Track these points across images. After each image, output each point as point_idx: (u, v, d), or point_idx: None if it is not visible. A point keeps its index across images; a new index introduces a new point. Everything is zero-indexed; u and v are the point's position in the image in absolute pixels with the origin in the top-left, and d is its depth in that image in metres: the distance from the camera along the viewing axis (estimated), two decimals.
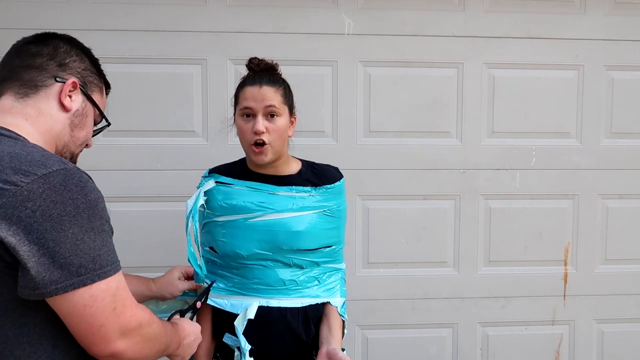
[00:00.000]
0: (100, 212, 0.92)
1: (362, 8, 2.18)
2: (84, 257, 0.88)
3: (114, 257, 0.94)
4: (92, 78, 1.13)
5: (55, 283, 0.86)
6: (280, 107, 1.44)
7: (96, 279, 0.89)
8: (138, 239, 2.13)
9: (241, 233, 1.46)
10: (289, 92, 1.51)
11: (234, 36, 2.14)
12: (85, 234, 0.89)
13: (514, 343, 2.34)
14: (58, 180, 0.88)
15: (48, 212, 0.85)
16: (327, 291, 1.52)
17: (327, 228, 1.51)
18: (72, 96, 1.08)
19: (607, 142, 2.31)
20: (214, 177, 1.54)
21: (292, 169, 1.53)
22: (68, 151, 1.10)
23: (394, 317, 2.28)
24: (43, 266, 0.85)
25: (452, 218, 2.28)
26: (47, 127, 1.04)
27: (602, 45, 2.27)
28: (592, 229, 2.33)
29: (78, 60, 1.10)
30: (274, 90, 1.44)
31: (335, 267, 1.56)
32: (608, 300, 2.36)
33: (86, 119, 1.12)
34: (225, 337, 1.50)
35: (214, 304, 1.50)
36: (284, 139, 1.47)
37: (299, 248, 1.46)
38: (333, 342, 1.45)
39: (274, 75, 1.49)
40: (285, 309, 1.47)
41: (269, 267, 1.46)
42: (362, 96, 2.20)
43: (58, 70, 1.06)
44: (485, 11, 2.23)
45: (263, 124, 1.42)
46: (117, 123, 2.08)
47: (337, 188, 1.54)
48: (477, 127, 2.25)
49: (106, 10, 2.09)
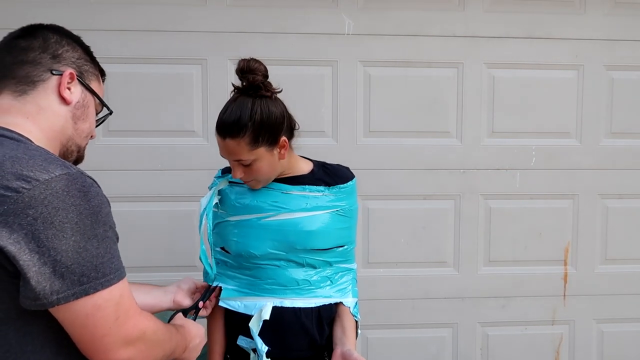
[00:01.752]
0: (103, 218, 0.90)
1: (362, 8, 2.18)
2: (87, 266, 0.86)
3: (118, 264, 0.92)
4: (88, 66, 1.09)
5: (56, 293, 0.84)
6: (249, 156, 1.35)
7: (99, 288, 0.87)
8: (138, 239, 2.13)
9: (254, 232, 1.44)
10: (262, 129, 1.34)
11: (234, 36, 2.14)
12: (88, 241, 0.86)
13: (514, 343, 2.34)
14: (60, 186, 0.85)
15: (49, 219, 0.83)
16: (339, 291, 1.51)
17: (340, 228, 1.49)
18: (71, 88, 1.04)
19: (607, 142, 2.31)
20: (227, 176, 1.52)
21: (304, 169, 1.51)
22: (74, 144, 1.07)
23: (394, 317, 2.28)
24: (44, 276, 0.83)
25: (452, 218, 2.28)
26: (49, 123, 1.01)
27: (602, 45, 2.27)
28: (592, 229, 2.33)
29: (71, 49, 1.06)
30: (237, 143, 1.34)
31: (347, 267, 1.55)
32: (608, 300, 2.36)
33: (88, 110, 1.08)
34: (240, 339, 1.47)
35: (227, 306, 1.48)
36: (271, 170, 1.41)
37: (312, 248, 1.45)
38: (347, 343, 1.43)
39: (239, 120, 1.33)
40: (299, 309, 1.45)
41: (282, 267, 1.45)
42: (362, 96, 2.20)
43: (53, 63, 1.02)
44: (485, 11, 2.23)
45: (239, 171, 1.39)
46: (117, 123, 2.10)
47: (350, 187, 1.53)
48: (477, 127, 2.25)
49: (106, 10, 2.09)
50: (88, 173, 0.93)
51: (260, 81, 1.35)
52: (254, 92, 1.36)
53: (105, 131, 2.11)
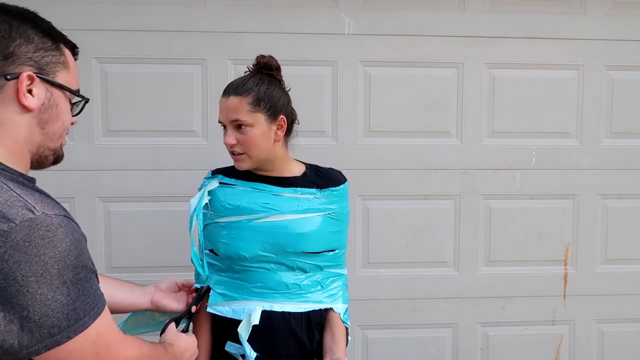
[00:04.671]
0: (73, 262, 0.82)
1: (362, 8, 2.18)
2: (56, 317, 0.80)
3: (93, 302, 0.85)
4: (49, 56, 0.92)
5: (25, 348, 0.79)
6: (247, 118, 1.37)
7: (72, 335, 0.82)
8: (138, 239, 2.13)
9: (244, 234, 1.42)
10: (264, 97, 1.39)
11: (234, 36, 2.14)
12: (57, 290, 0.80)
13: (514, 343, 2.34)
14: (21, 236, 0.77)
15: (12, 275, 0.76)
16: (330, 297, 1.49)
17: (332, 231, 1.48)
18: (33, 90, 0.89)
19: (607, 142, 2.31)
20: (217, 177, 1.51)
21: (295, 171, 1.50)
22: (46, 149, 0.94)
23: (394, 317, 2.28)
24: (10, 334, 0.78)
25: (452, 218, 2.28)
26: (12, 136, 0.88)
27: (602, 45, 2.27)
28: (592, 229, 2.33)
29: (24, 42, 0.89)
30: (239, 101, 1.37)
31: (338, 272, 1.53)
32: (608, 300, 2.36)
33: (57, 109, 0.93)
34: (228, 345, 1.45)
35: (214, 311, 1.45)
36: (264, 146, 1.41)
37: (303, 250, 1.43)
38: (337, 352, 1.43)
39: (247, 83, 1.39)
40: (288, 314, 1.43)
41: (271, 270, 1.42)
42: (362, 96, 2.20)
43: (4, 65, 0.86)
44: (485, 11, 2.23)
45: (232, 135, 1.38)
46: (117, 123, 2.10)
47: (342, 191, 1.53)
48: (477, 127, 2.25)
49: (106, 10, 2.09)
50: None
51: (275, 66, 1.44)
52: (266, 70, 1.43)
53: (105, 131, 2.11)
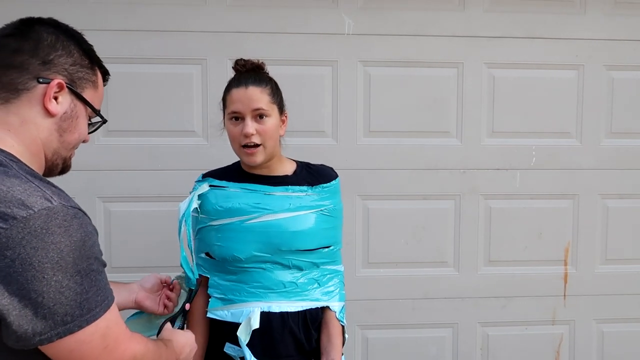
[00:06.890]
0: (87, 252, 0.85)
1: (362, 8, 2.18)
2: (70, 305, 0.82)
3: (104, 294, 0.88)
4: (83, 73, 0.99)
5: (39, 334, 0.81)
6: (268, 108, 1.41)
7: (84, 325, 0.84)
8: (138, 239, 2.13)
9: (238, 236, 1.43)
10: (276, 90, 1.47)
11: (234, 36, 2.14)
12: (71, 279, 0.82)
13: (514, 343, 2.34)
14: (39, 223, 0.80)
15: (28, 260, 0.79)
16: (326, 294, 1.50)
17: (325, 228, 1.49)
18: (59, 98, 0.95)
19: (607, 142, 2.31)
20: (207, 180, 1.51)
21: (287, 169, 1.51)
22: (59, 157, 1.00)
23: (394, 317, 2.28)
24: (25, 319, 0.80)
25: (452, 218, 2.28)
26: (32, 136, 0.93)
27: (602, 45, 2.27)
28: (592, 229, 2.33)
29: (65, 54, 0.97)
30: (260, 91, 1.41)
31: (334, 268, 1.54)
32: (608, 300, 2.36)
33: (77, 121, 0.99)
34: (227, 347, 1.45)
35: (214, 316, 1.46)
36: (276, 138, 1.45)
37: (297, 248, 1.44)
38: (332, 352, 1.44)
39: (260, 75, 1.45)
40: (286, 313, 1.43)
41: (267, 269, 1.43)
42: (362, 96, 2.20)
43: (41, 70, 0.94)
44: (485, 11, 2.23)
45: (252, 126, 1.39)
46: (117, 123, 2.10)
47: (333, 187, 1.53)
48: (477, 127, 2.25)
49: (106, 10, 2.09)
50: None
51: (259, 64, 1.48)
52: (259, 70, 1.48)
53: (105, 131, 2.10)
